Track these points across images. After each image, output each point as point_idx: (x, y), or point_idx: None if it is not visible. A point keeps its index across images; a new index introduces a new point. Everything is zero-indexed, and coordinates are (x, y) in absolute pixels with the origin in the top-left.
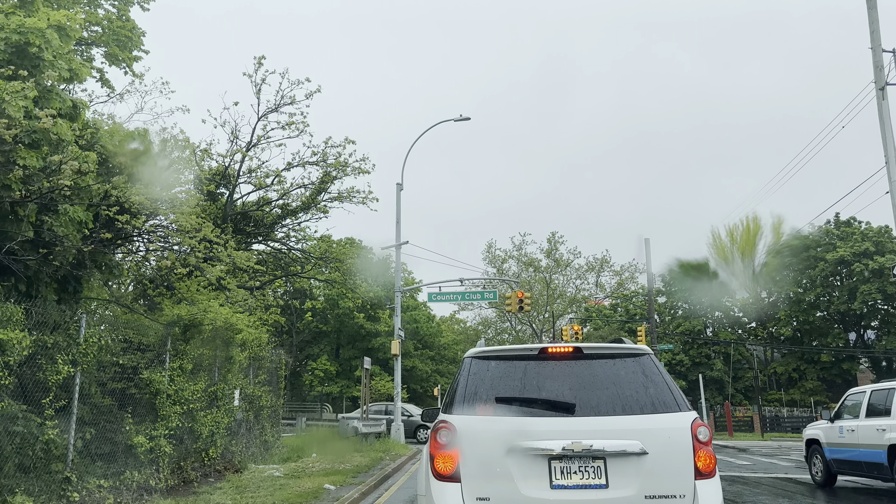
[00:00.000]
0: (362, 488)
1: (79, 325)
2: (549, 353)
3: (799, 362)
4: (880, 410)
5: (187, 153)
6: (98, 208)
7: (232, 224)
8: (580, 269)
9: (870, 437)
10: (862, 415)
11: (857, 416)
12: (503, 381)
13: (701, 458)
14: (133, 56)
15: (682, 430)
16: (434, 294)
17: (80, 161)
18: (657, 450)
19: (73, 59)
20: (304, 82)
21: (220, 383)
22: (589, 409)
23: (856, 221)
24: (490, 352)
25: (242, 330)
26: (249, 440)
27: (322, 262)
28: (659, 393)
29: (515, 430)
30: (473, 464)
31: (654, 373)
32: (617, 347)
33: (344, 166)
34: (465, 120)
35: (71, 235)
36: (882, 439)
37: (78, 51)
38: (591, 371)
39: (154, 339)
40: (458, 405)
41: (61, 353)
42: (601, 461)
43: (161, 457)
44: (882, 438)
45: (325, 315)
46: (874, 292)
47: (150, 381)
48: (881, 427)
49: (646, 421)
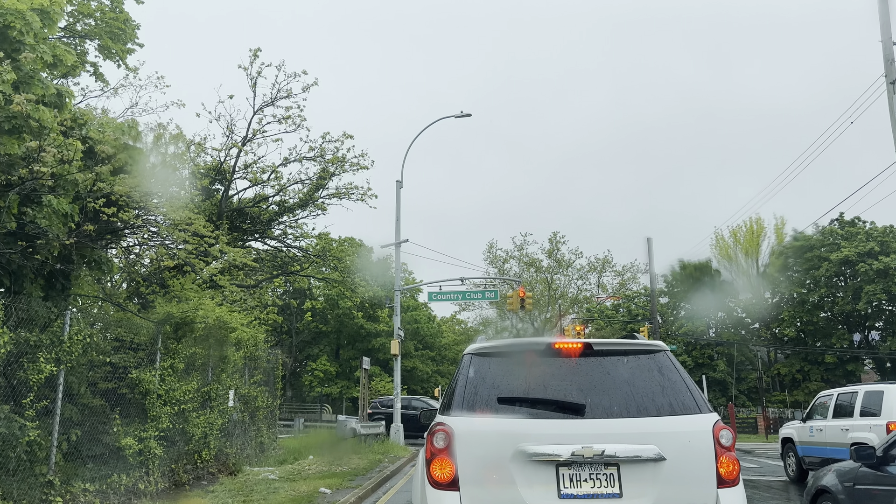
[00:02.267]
0: (359, 492)
1: (63, 323)
2: (556, 349)
3: (803, 363)
4: (845, 412)
5: (182, 147)
6: (84, 201)
7: (228, 221)
8: (582, 270)
9: (835, 436)
10: (829, 415)
11: (826, 417)
12: (506, 379)
13: (723, 465)
14: (127, 49)
15: (703, 434)
16: (434, 293)
17: (64, 149)
18: (675, 455)
19: (58, 45)
20: (301, 75)
21: (214, 383)
22: (600, 411)
23: (860, 221)
24: (492, 348)
25: (237, 328)
26: (245, 442)
27: (320, 261)
28: (677, 393)
29: (520, 433)
30: (473, 470)
31: (671, 371)
32: (630, 343)
33: (342, 162)
34: (466, 116)
35: (55, 228)
36: (846, 438)
37: (71, 44)
38: (603, 369)
39: (146, 337)
40: (457, 406)
41: (44, 352)
42: (614, 468)
43: (151, 459)
44: (846, 437)
45: (325, 315)
46: (879, 293)
47: (140, 380)
48: (845, 427)
49: (663, 423)
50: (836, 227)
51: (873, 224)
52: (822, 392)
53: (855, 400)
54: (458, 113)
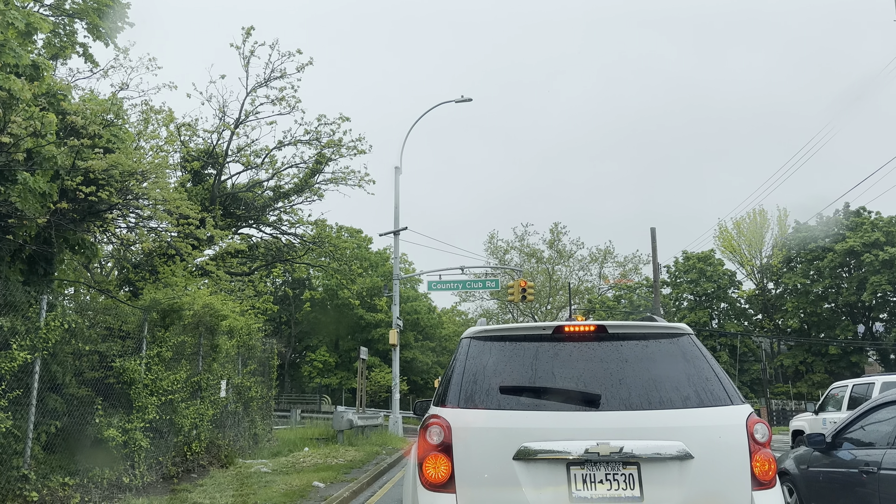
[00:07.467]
0: (354, 486)
1: (39, 309)
2: (565, 332)
3: (806, 355)
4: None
5: (172, 127)
6: (63, 180)
7: (221, 206)
8: (583, 261)
9: None
10: (844, 407)
11: (840, 409)
12: (509, 366)
13: (759, 463)
14: (116, 26)
15: (736, 428)
16: (434, 283)
17: (37, 121)
18: (704, 453)
19: (32, 13)
20: (295, 54)
21: (205, 373)
22: (617, 402)
23: (865, 211)
24: (493, 331)
25: (228, 316)
26: (238, 433)
27: (316, 247)
28: (704, 381)
29: (525, 427)
30: (472, 470)
31: (697, 357)
32: (649, 326)
33: (339, 145)
34: (467, 101)
35: (31, 208)
36: None
37: (60, 24)
38: (619, 355)
39: (133, 325)
40: (454, 397)
41: (17, 339)
42: (634, 467)
43: (136, 451)
44: None
45: (325, 305)
46: (884, 283)
47: (125, 369)
48: None
49: (689, 416)
50: (842, 218)
51: (879, 214)
52: (836, 384)
53: (871, 391)
54: (459, 97)
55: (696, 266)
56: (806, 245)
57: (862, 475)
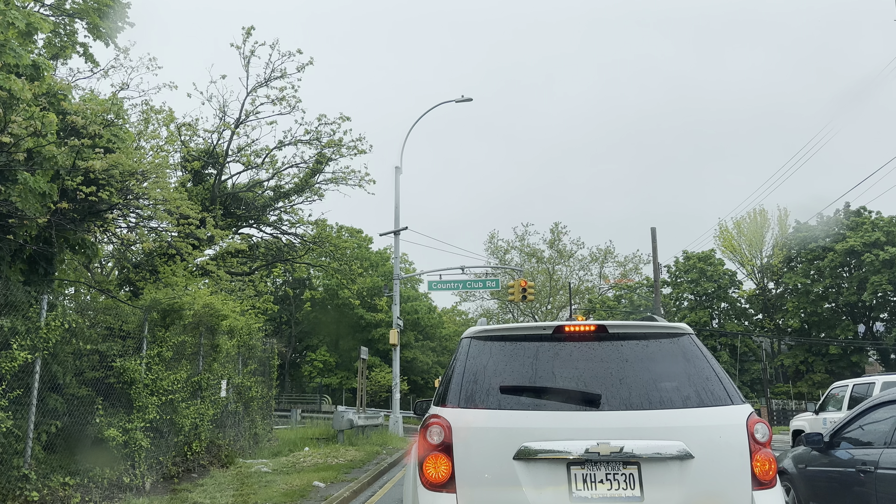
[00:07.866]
0: (354, 486)
1: (39, 308)
2: (566, 331)
3: (806, 354)
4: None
5: (173, 127)
6: (63, 180)
7: (222, 206)
8: (584, 261)
9: None
10: (844, 407)
11: (840, 409)
12: (510, 366)
13: (759, 463)
14: (117, 26)
15: (736, 428)
16: (434, 282)
17: (37, 121)
18: (704, 452)
19: (32, 13)
20: (295, 54)
21: (205, 373)
22: (618, 402)
23: (866, 211)
24: (493, 331)
25: (228, 316)
26: (238, 433)
27: (316, 247)
28: (704, 381)
29: (525, 427)
30: (472, 470)
31: (697, 357)
32: (650, 326)
33: (339, 145)
34: (467, 101)
35: (31, 208)
36: None
37: (60, 24)
38: (619, 355)
39: (134, 325)
40: (454, 396)
41: (18, 339)
42: (634, 467)
43: (136, 451)
44: None
45: (325, 305)
46: (884, 283)
47: (125, 369)
48: None
49: (689, 416)
50: (842, 217)
51: (879, 214)
52: (836, 383)
53: (872, 391)
54: (459, 97)
55: (697, 266)
56: (806, 245)
57: (859, 474)
